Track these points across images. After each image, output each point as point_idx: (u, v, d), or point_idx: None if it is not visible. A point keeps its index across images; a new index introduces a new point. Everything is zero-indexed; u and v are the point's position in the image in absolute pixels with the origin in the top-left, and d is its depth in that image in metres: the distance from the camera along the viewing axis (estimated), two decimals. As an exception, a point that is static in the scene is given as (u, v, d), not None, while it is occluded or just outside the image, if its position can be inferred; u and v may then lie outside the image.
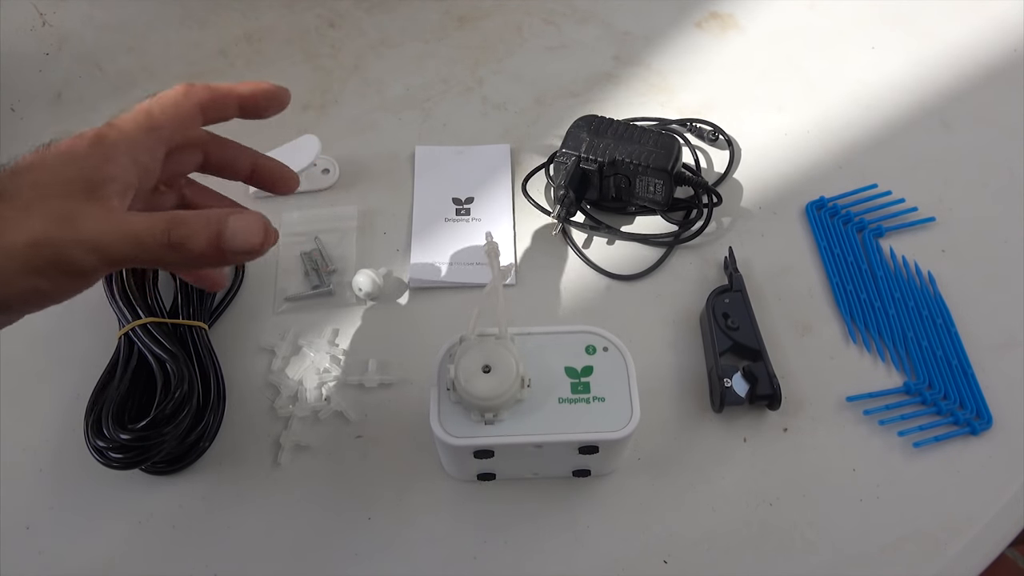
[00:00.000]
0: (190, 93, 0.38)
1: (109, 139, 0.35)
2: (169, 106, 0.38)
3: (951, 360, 0.51)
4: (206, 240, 0.33)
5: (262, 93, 0.41)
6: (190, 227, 0.33)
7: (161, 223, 0.33)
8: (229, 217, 0.34)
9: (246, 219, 0.34)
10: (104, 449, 0.44)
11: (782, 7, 0.70)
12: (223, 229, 0.33)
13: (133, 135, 0.36)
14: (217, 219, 0.33)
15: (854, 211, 0.57)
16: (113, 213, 0.33)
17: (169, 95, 0.38)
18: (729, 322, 0.51)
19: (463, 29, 0.70)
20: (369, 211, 0.59)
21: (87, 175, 0.33)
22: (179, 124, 0.38)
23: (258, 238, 0.34)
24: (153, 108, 0.37)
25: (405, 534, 0.46)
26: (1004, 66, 0.66)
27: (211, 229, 0.33)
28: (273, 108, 0.41)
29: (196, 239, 0.33)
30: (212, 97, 0.39)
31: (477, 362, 0.40)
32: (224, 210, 0.34)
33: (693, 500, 0.47)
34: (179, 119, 0.38)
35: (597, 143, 0.55)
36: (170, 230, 0.32)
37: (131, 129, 0.36)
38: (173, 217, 0.33)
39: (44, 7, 0.71)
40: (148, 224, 0.33)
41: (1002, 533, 0.46)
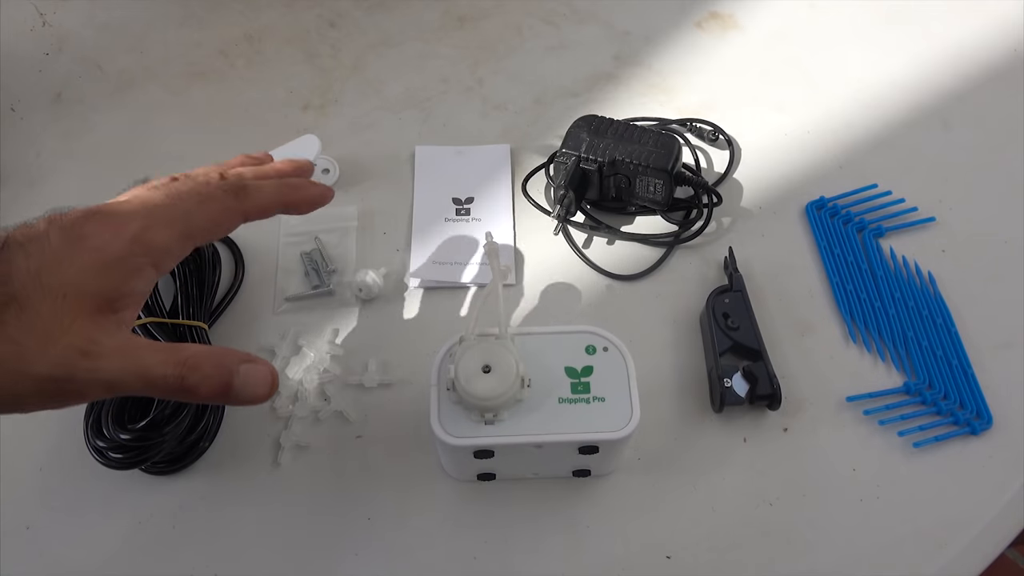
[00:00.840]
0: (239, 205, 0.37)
1: (144, 247, 0.34)
2: (213, 218, 0.36)
3: (951, 360, 0.51)
4: (215, 388, 0.33)
5: (308, 201, 0.40)
6: (202, 373, 0.33)
7: (173, 367, 0.33)
8: (241, 367, 0.34)
9: (256, 371, 0.34)
10: (104, 449, 0.44)
11: (782, 7, 0.70)
12: (233, 380, 0.33)
13: (167, 246, 0.35)
14: (229, 370, 0.34)
15: (854, 211, 0.57)
16: (130, 349, 0.33)
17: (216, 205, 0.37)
18: (729, 322, 0.51)
19: (463, 29, 0.70)
20: (369, 211, 0.59)
21: (113, 288, 0.33)
22: (218, 235, 0.38)
23: (264, 391, 0.34)
24: (196, 217, 0.36)
25: (405, 534, 0.46)
26: (1004, 66, 0.66)
27: (222, 379, 0.33)
28: (314, 209, 0.42)
29: (205, 386, 0.33)
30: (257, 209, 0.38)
31: (477, 362, 0.40)
32: (236, 356, 0.34)
33: (693, 500, 0.47)
34: (219, 230, 0.37)
35: (597, 143, 0.55)
36: (183, 376, 0.33)
37: (166, 239, 0.35)
38: (186, 361, 0.33)
39: (44, 7, 0.71)
40: (161, 366, 0.33)
41: (1002, 533, 0.46)
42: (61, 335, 0.31)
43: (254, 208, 0.38)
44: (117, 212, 0.35)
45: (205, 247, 0.53)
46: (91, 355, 0.32)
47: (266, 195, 0.39)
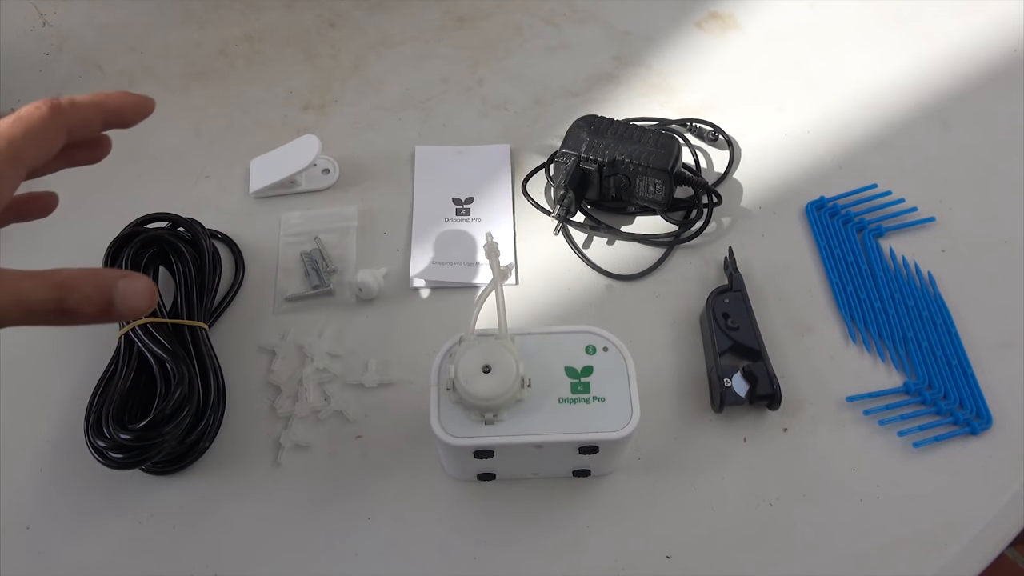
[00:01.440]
0: (57, 115, 0.36)
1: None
2: (32, 131, 0.36)
3: (951, 360, 0.51)
4: (96, 307, 0.33)
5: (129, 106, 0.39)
6: (81, 294, 0.32)
7: (51, 291, 0.32)
8: (119, 282, 0.33)
9: (135, 284, 0.33)
10: (104, 449, 0.44)
11: (782, 7, 0.70)
12: (113, 296, 0.33)
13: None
14: (107, 285, 0.33)
15: (854, 211, 0.57)
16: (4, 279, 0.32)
17: (34, 119, 0.36)
18: (729, 322, 0.51)
19: (463, 29, 0.70)
20: (369, 211, 0.59)
21: None
22: (44, 151, 0.37)
23: (144, 302, 0.34)
24: (16, 135, 0.35)
25: (405, 534, 0.46)
26: (1004, 66, 0.66)
27: (102, 296, 0.33)
28: (138, 118, 0.40)
29: (86, 306, 0.32)
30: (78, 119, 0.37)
31: (477, 362, 0.40)
32: (113, 274, 0.34)
33: (693, 500, 0.47)
34: (45, 146, 0.36)
35: (597, 143, 0.55)
36: (62, 299, 0.32)
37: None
38: (63, 283, 0.32)
39: (44, 7, 0.71)
40: (38, 291, 0.32)
41: (1002, 533, 0.46)
42: None
43: (73, 117, 0.37)
44: None
45: (205, 247, 0.53)
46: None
47: (82, 103, 0.38)
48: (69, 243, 0.56)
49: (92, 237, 0.53)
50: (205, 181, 0.60)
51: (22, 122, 0.36)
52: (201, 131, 0.63)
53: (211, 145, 0.62)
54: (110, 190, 0.60)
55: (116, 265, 0.50)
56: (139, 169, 0.61)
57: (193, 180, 0.60)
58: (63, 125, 0.37)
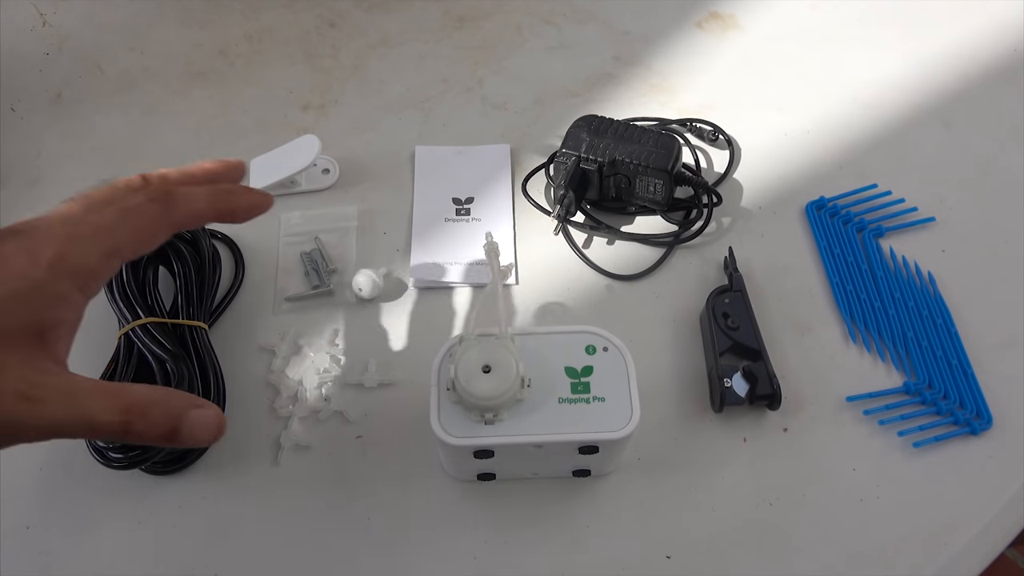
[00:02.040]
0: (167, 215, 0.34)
1: (64, 270, 0.31)
2: (139, 231, 0.33)
3: (951, 360, 0.51)
4: (161, 434, 0.32)
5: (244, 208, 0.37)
6: (148, 420, 0.31)
7: (119, 413, 0.31)
8: (188, 412, 0.32)
9: (203, 417, 0.32)
10: (104, 449, 0.44)
11: (782, 7, 0.70)
12: (180, 426, 0.32)
13: (89, 265, 0.32)
14: (176, 416, 0.32)
15: (854, 211, 0.57)
16: (73, 393, 0.30)
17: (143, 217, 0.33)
18: (729, 322, 0.51)
19: (463, 29, 0.70)
20: (369, 211, 0.59)
21: (38, 320, 0.31)
22: (145, 248, 0.34)
23: (209, 436, 0.33)
24: (119, 232, 0.33)
25: (405, 534, 0.46)
26: (1004, 66, 0.66)
27: (168, 424, 0.31)
28: (254, 216, 0.38)
29: (152, 432, 0.31)
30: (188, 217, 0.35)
31: (477, 362, 0.40)
32: (184, 402, 0.32)
33: (693, 500, 0.47)
34: (146, 244, 0.34)
35: (597, 143, 0.55)
36: (129, 423, 0.31)
37: (88, 258, 0.32)
38: (132, 407, 0.31)
39: (44, 7, 0.71)
40: (107, 414, 0.30)
41: (1002, 533, 0.46)
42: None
43: (184, 218, 0.35)
44: (34, 232, 0.32)
45: (205, 247, 0.53)
46: (32, 399, 0.29)
47: (197, 203, 0.35)
48: (69, 243, 0.56)
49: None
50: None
51: (130, 220, 0.33)
52: (201, 131, 0.63)
53: (211, 145, 0.62)
54: (110, 190, 0.59)
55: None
56: (139, 169, 0.61)
57: (193, 180, 0.60)
58: (171, 225, 0.35)
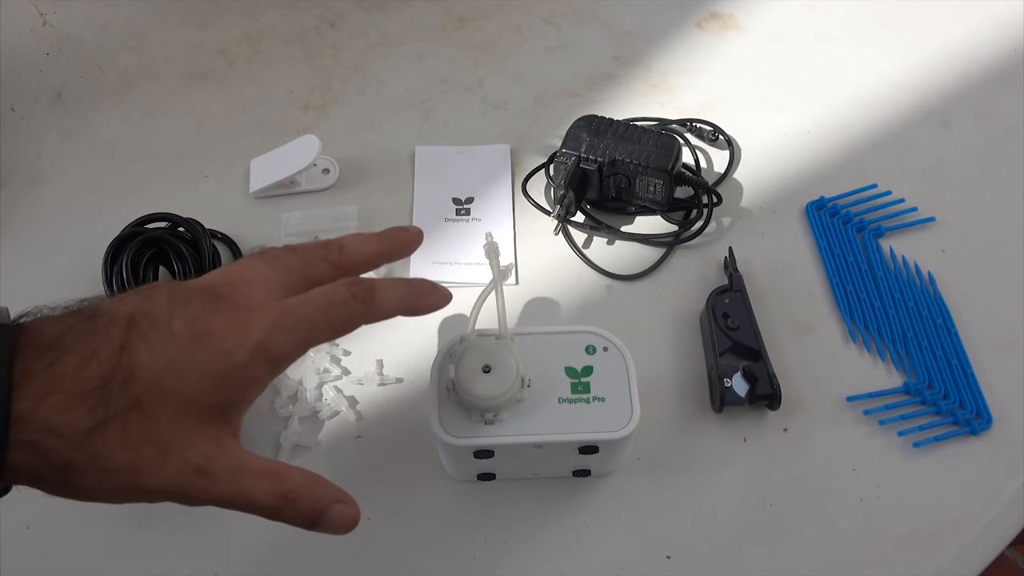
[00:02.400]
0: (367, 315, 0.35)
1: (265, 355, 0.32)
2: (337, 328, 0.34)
3: (951, 360, 0.51)
4: (304, 522, 0.33)
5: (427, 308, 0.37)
6: (296, 509, 0.32)
7: (275, 500, 0.32)
8: (332, 507, 0.33)
9: (342, 514, 0.33)
10: (104, 449, 0.44)
11: (782, 7, 0.70)
12: (321, 519, 0.33)
13: (289, 354, 0.33)
14: (321, 508, 0.33)
15: (854, 211, 0.57)
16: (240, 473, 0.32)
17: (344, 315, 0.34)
18: (729, 322, 0.51)
19: (463, 29, 0.70)
20: (369, 211, 0.59)
21: (231, 399, 0.32)
22: (334, 338, 0.35)
23: (343, 531, 0.34)
24: (320, 325, 0.33)
25: (405, 534, 0.46)
26: (1004, 66, 0.66)
27: (313, 515, 0.33)
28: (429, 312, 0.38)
29: (296, 519, 0.33)
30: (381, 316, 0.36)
31: (477, 362, 0.40)
32: (330, 495, 0.33)
33: (693, 500, 0.47)
34: (339, 335, 0.35)
35: (597, 143, 0.55)
36: (280, 509, 0.32)
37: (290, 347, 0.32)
38: (287, 495, 0.32)
39: (44, 7, 0.71)
40: (264, 497, 0.32)
41: (1002, 533, 0.46)
42: (180, 449, 0.30)
43: (379, 316, 0.36)
44: (244, 311, 0.32)
45: (205, 247, 0.53)
46: (205, 474, 0.31)
47: (391, 301, 0.36)
48: (69, 243, 0.56)
49: (92, 237, 0.53)
50: (205, 181, 0.60)
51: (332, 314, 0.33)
52: (201, 131, 0.63)
53: (211, 145, 0.62)
54: (110, 190, 0.60)
55: (115, 265, 0.50)
56: (139, 169, 0.61)
57: (193, 180, 0.60)
58: (367, 320, 0.35)
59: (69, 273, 0.55)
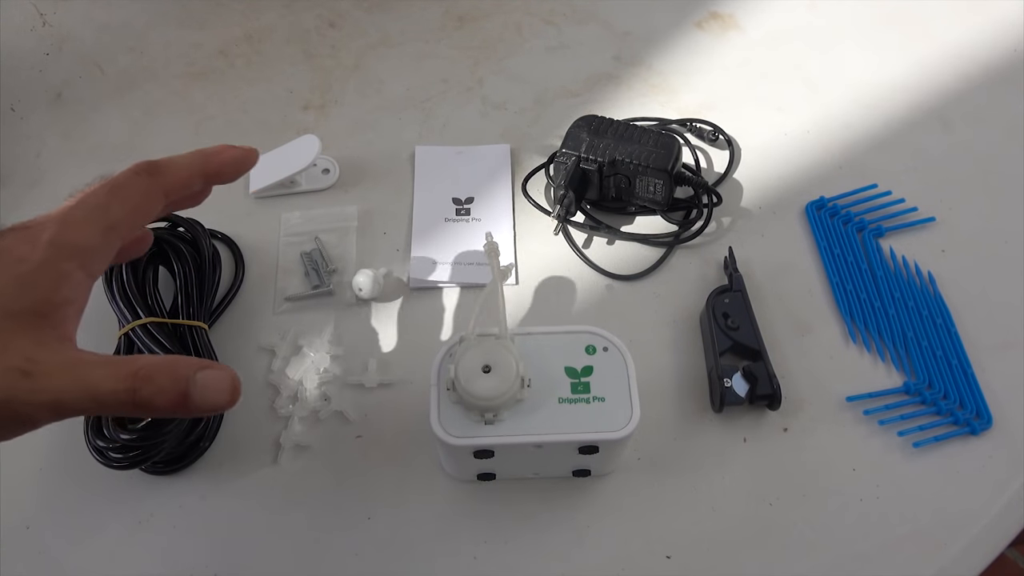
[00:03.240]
0: (154, 184, 0.35)
1: (63, 249, 0.32)
2: (130, 202, 0.34)
3: (951, 360, 0.51)
4: (171, 400, 0.31)
5: (230, 163, 0.38)
6: (155, 385, 0.31)
7: (124, 381, 0.30)
8: (197, 374, 0.31)
9: (215, 377, 0.32)
10: (104, 449, 0.44)
11: (782, 7, 0.70)
12: (190, 388, 0.31)
13: (88, 243, 0.33)
14: (184, 377, 0.31)
15: (854, 211, 0.57)
16: (74, 365, 0.31)
17: (130, 188, 0.34)
18: (729, 322, 0.51)
19: (463, 29, 0.70)
20: (369, 211, 0.59)
21: (42, 300, 0.31)
22: (140, 220, 0.35)
23: (225, 397, 0.32)
24: (112, 206, 0.34)
25: (405, 534, 0.46)
26: (1004, 66, 0.66)
27: (178, 388, 0.31)
28: (242, 172, 0.39)
29: (160, 398, 0.31)
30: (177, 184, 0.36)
31: (477, 362, 0.40)
32: (192, 364, 0.32)
33: (693, 500, 0.47)
34: (140, 215, 0.35)
35: (597, 143, 0.55)
36: (135, 390, 0.30)
37: (86, 236, 0.33)
38: (137, 374, 0.31)
39: (44, 7, 0.71)
40: (111, 382, 0.30)
41: (1002, 533, 0.46)
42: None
43: (171, 183, 0.36)
44: (33, 223, 0.33)
45: (205, 247, 0.53)
46: (32, 375, 0.30)
47: (180, 166, 0.36)
48: (69, 243, 0.56)
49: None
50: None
51: (119, 193, 0.34)
52: (201, 131, 0.63)
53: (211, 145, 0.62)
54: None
55: (115, 265, 0.50)
56: (139, 169, 0.61)
57: (193, 180, 0.60)
58: (161, 194, 0.35)
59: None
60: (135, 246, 0.41)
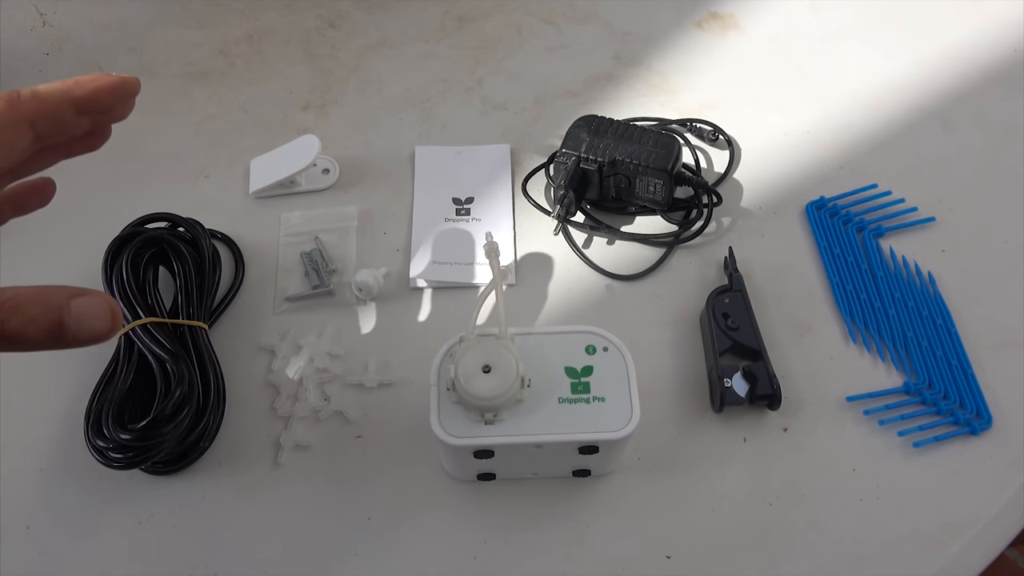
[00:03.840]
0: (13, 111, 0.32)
1: None
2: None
3: (951, 360, 0.51)
4: (45, 329, 0.29)
5: (105, 89, 0.35)
6: (25, 315, 0.28)
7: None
8: (71, 301, 0.29)
9: (90, 303, 0.29)
10: (104, 449, 0.44)
11: (782, 7, 0.70)
12: (64, 317, 0.29)
13: None
14: (56, 305, 0.29)
15: (854, 211, 0.57)
16: None
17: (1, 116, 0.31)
18: (729, 322, 0.51)
19: (463, 29, 0.70)
20: (369, 211, 0.59)
21: None
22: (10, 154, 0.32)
23: (103, 325, 0.30)
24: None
25: (405, 534, 0.46)
26: (1004, 66, 0.66)
27: (50, 316, 0.29)
28: (120, 102, 0.36)
29: (32, 328, 0.28)
30: (43, 112, 0.33)
31: (477, 362, 0.40)
32: (65, 292, 0.29)
33: (693, 500, 0.47)
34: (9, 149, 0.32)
35: (597, 143, 0.55)
36: (3, 321, 0.28)
37: None
38: (4, 304, 0.28)
39: (44, 7, 0.71)
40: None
41: (1002, 533, 0.46)
42: None
43: (39, 111, 0.32)
44: None
45: (205, 247, 0.53)
46: None
47: (48, 92, 0.33)
48: (68, 243, 0.56)
49: (92, 237, 0.53)
50: (205, 181, 0.61)
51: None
52: (201, 131, 0.63)
53: (211, 145, 0.62)
54: (110, 190, 0.60)
55: (115, 265, 0.50)
56: (139, 169, 0.61)
57: (193, 180, 0.60)
58: (25, 122, 0.32)
59: (69, 273, 0.55)
60: (31, 195, 0.38)
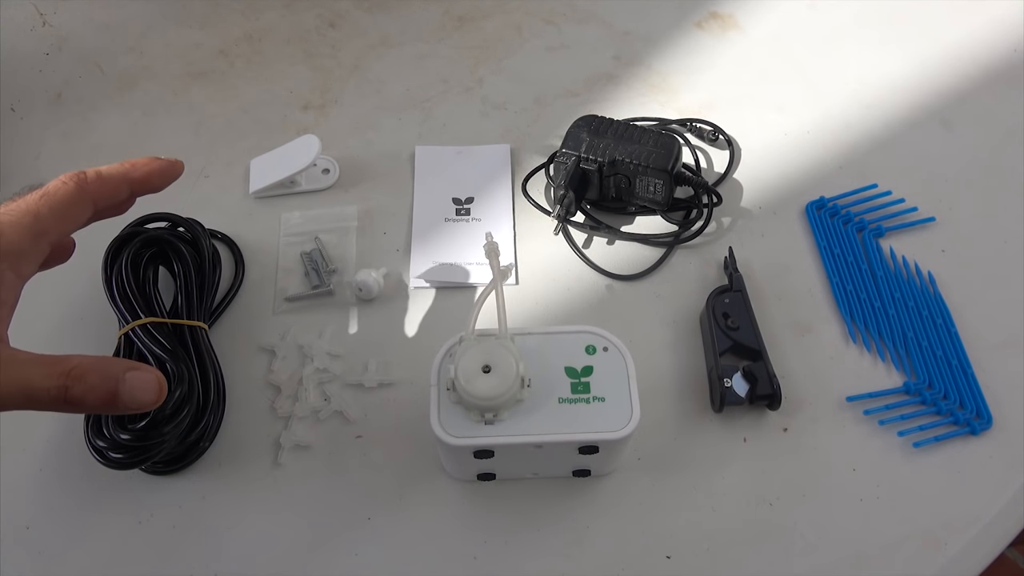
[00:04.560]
0: (83, 192, 0.37)
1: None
2: (59, 208, 0.36)
3: (951, 360, 0.51)
4: (101, 397, 0.33)
5: (157, 172, 0.40)
6: (86, 384, 0.32)
7: (57, 379, 0.32)
8: (127, 374, 0.33)
9: (142, 378, 0.33)
10: (104, 449, 0.44)
11: (782, 7, 0.70)
12: (119, 387, 0.33)
13: (19, 246, 0.35)
14: (114, 376, 0.33)
15: (854, 211, 0.57)
16: (8, 362, 0.32)
17: (60, 196, 0.36)
18: (729, 322, 0.51)
19: (463, 29, 0.70)
20: (369, 211, 0.59)
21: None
22: (69, 226, 0.37)
23: (152, 397, 0.34)
24: (41, 211, 0.36)
25: (405, 534, 0.46)
26: (1004, 66, 0.66)
27: (108, 387, 0.33)
28: (166, 184, 0.41)
29: (92, 396, 0.32)
30: (105, 192, 0.38)
31: (477, 362, 0.40)
32: (122, 365, 0.33)
33: (693, 500, 0.47)
34: (69, 221, 0.37)
35: (597, 143, 0.55)
36: (67, 387, 0.32)
37: (17, 239, 0.35)
38: (70, 373, 0.32)
39: (44, 7, 0.71)
40: (43, 379, 0.32)
41: (1002, 533, 0.46)
42: None
43: (98, 191, 0.38)
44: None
45: (205, 247, 0.53)
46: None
47: (107, 175, 0.39)
48: (69, 243, 0.56)
49: (92, 237, 0.52)
50: (205, 181, 0.61)
51: (48, 199, 0.36)
52: (201, 131, 0.63)
53: (211, 145, 0.62)
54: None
55: (115, 265, 0.50)
56: (139, 169, 0.61)
57: (193, 180, 0.60)
58: (89, 200, 0.37)
59: (69, 273, 0.54)
60: (62, 252, 0.42)
